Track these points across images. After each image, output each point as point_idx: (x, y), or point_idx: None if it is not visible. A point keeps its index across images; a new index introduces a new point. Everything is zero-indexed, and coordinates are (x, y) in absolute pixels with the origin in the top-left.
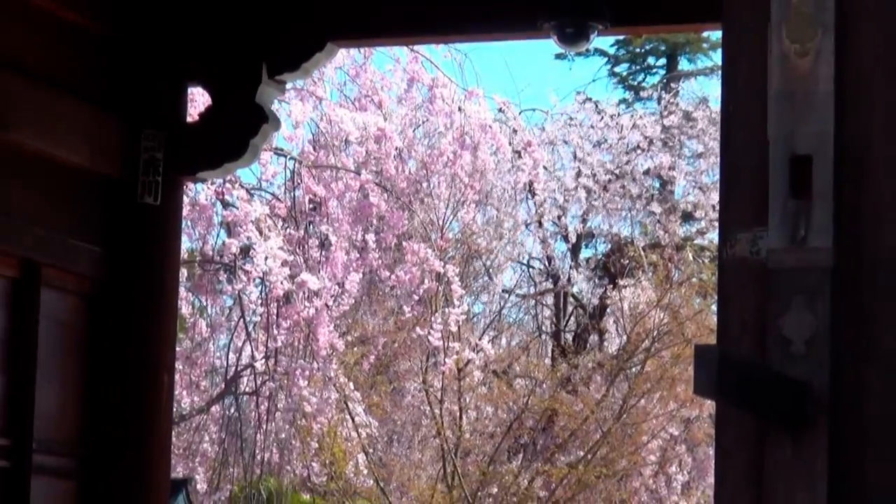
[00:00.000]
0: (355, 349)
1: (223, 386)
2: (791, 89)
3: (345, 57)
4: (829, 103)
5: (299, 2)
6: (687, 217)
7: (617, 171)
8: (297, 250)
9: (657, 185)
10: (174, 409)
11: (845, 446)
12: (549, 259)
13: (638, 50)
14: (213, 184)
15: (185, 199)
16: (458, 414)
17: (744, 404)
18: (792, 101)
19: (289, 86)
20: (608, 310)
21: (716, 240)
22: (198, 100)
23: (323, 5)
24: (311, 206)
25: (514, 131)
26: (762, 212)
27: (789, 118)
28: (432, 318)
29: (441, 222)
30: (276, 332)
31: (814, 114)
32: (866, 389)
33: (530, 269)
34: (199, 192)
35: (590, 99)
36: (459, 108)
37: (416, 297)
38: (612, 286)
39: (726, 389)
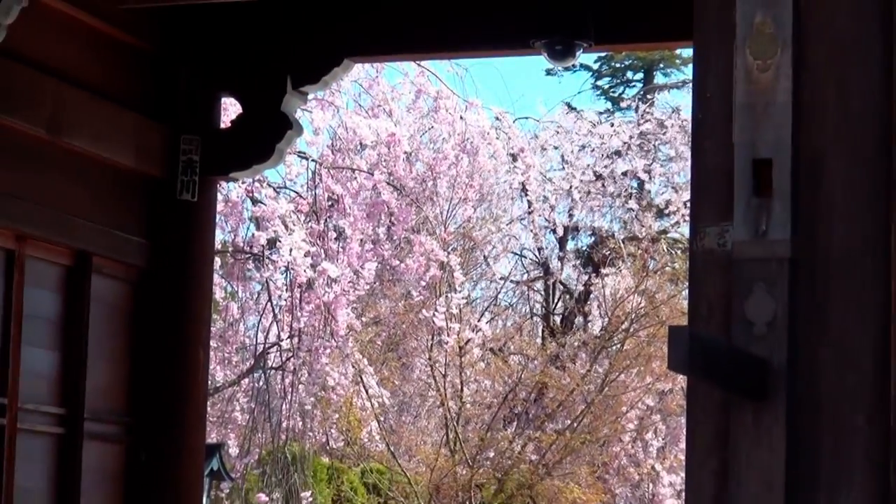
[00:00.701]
0: (369, 329)
1: (252, 361)
2: (753, 101)
3: (360, 71)
4: (787, 113)
5: (320, 23)
6: (661, 213)
7: (599, 173)
8: (318, 242)
9: (634, 184)
10: (209, 382)
11: (801, 415)
12: (540, 250)
13: (618, 65)
14: (243, 183)
15: (219, 197)
16: (459, 386)
17: (712, 378)
18: (754, 111)
19: (310, 96)
20: (592, 295)
21: (687, 233)
22: (230, 108)
23: (341, 26)
24: (329, 202)
25: (509, 137)
26: (728, 208)
27: (752, 126)
28: (437, 302)
29: (444, 217)
30: (299, 314)
31: (773, 122)
32: (820, 366)
33: (523, 259)
34: (230, 190)
35: (574, 109)
36: (461, 117)
37: (422, 284)
38: (595, 274)
39: (696, 365)
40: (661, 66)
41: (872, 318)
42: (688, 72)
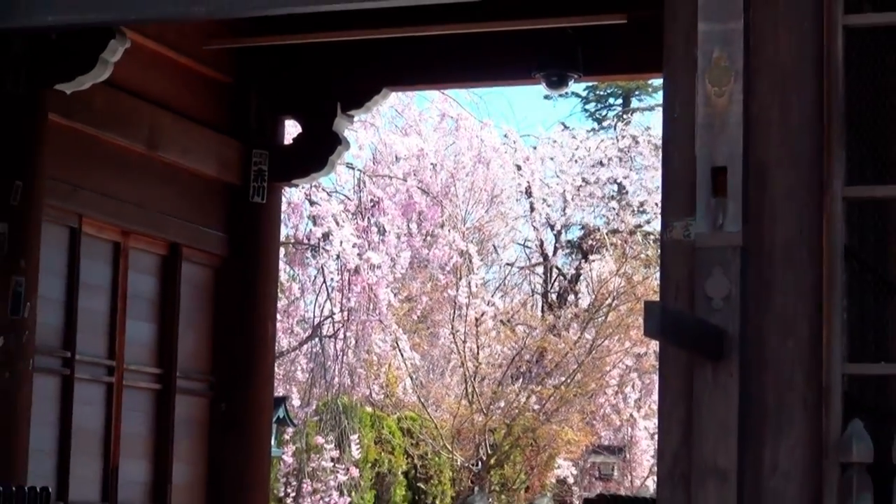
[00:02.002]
0: (404, 305)
1: (310, 331)
2: (711, 121)
3: (395, 98)
4: (738, 130)
5: (363, 59)
6: (637, 211)
7: (586, 179)
8: (363, 235)
9: (615, 188)
10: (276, 347)
11: (750, 373)
12: (540, 241)
13: (601, 92)
14: (302, 188)
15: (283, 199)
16: (476, 350)
17: (679, 343)
18: (712, 129)
19: (355, 118)
20: (581, 277)
21: (658, 226)
22: (292, 129)
23: (380, 62)
24: (371, 203)
25: (515, 151)
26: (691, 207)
27: (710, 141)
28: (458, 283)
29: (463, 215)
30: (348, 293)
31: (728, 138)
32: (766, 333)
33: (526, 249)
34: (292, 194)
35: (567, 128)
36: (476, 135)
37: (446, 268)
38: (584, 260)
39: (667, 333)
40: (637, 92)
41: (807, 294)
42: (658, 97)
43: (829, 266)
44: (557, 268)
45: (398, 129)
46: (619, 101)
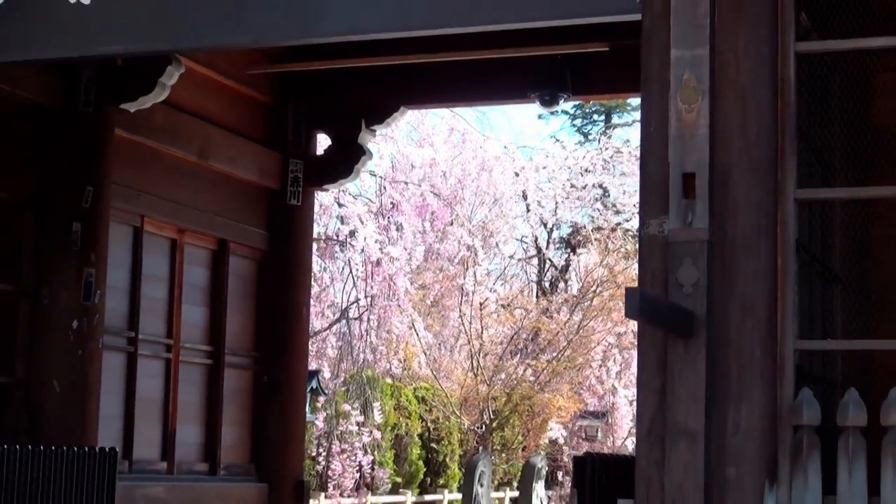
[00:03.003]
0: (419, 292)
1: (339, 314)
2: (682, 133)
3: (411, 115)
4: (705, 142)
5: (384, 82)
6: (618, 211)
7: (574, 184)
8: (383, 232)
9: (599, 192)
10: (309, 328)
11: (716, 349)
12: (535, 237)
13: (587, 110)
14: (332, 192)
15: (315, 201)
16: (480, 330)
17: (655, 323)
18: (683, 140)
19: (377, 132)
20: (570, 267)
21: (636, 224)
22: (323, 142)
23: (398, 85)
24: (391, 205)
25: (513, 160)
26: (665, 207)
27: (681, 150)
28: (465, 273)
29: (470, 215)
30: (371, 281)
31: (696, 148)
32: (729, 314)
33: (523, 243)
34: (323, 197)
35: (558, 140)
36: (480, 146)
37: (455, 261)
38: (572, 253)
39: (644, 314)
40: (617, 110)
41: (764, 281)
42: (636, 114)
43: (783, 257)
44: (550, 260)
45: (413, 142)
46: (602, 117)
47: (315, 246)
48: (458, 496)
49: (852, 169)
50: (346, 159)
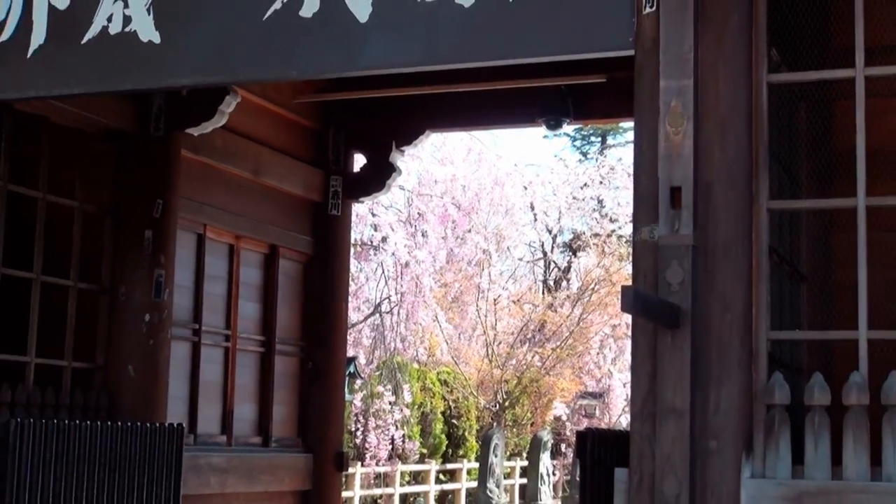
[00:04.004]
0: (441, 289)
1: (372, 309)
2: (670, 152)
3: (434, 137)
4: (690, 160)
5: (411, 110)
6: (612, 220)
7: (575, 196)
8: (411, 239)
9: (597, 203)
10: (348, 320)
11: (699, 338)
12: (541, 242)
13: (585, 132)
14: (366, 204)
15: (352, 212)
16: (494, 322)
17: (646, 316)
18: (670, 158)
19: (406, 152)
20: (572, 268)
21: (630, 231)
22: (359, 161)
23: (424, 111)
24: (417, 215)
25: (522, 175)
26: (655, 216)
27: (669, 167)
28: (481, 273)
29: (485, 223)
30: (400, 280)
31: (682, 165)
32: (710, 308)
33: (531, 247)
34: (359, 208)
35: (561, 159)
36: (494, 164)
37: (473, 262)
38: (573, 256)
39: (637, 308)
40: (612, 132)
41: (741, 280)
42: (629, 136)
43: (757, 259)
44: (554, 261)
45: (437, 161)
46: (599, 139)
47: (352, 250)
48: (476, 465)
49: (816, 183)
50: (378, 176)
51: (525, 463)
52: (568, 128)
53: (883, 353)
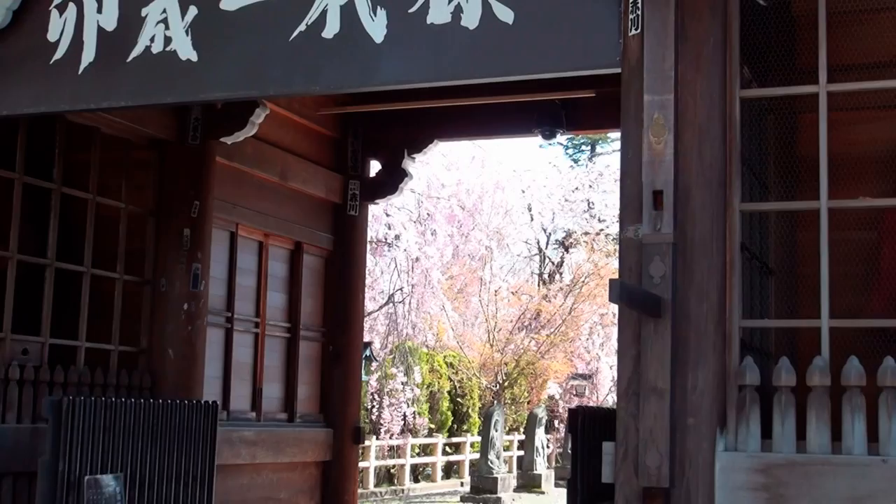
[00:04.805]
0: (448, 281)
1: (387, 299)
2: (653, 159)
3: (442, 146)
4: (671, 166)
5: (421, 121)
6: (601, 220)
7: (567, 198)
8: (421, 237)
9: (587, 205)
10: (364, 309)
11: (679, 325)
12: (537, 239)
13: (577, 142)
14: (381, 205)
15: (368, 212)
16: (495, 311)
17: (632, 306)
18: (653, 165)
19: (416, 159)
20: (564, 263)
21: (617, 230)
22: (375, 166)
23: (432, 123)
24: (427, 215)
25: (521, 180)
26: (640, 216)
27: (652, 173)
28: (484, 267)
29: (487, 222)
30: (412, 273)
31: (663, 170)
32: (689, 299)
33: (528, 244)
34: (375, 209)
35: (554, 165)
36: (496, 169)
37: (476, 257)
38: (566, 252)
39: (623, 299)
40: (600, 142)
41: (716, 273)
42: (616, 145)
43: (731, 255)
44: (548, 257)
45: (444, 166)
46: (589, 147)
47: (368, 246)
48: (478, 439)
49: (783, 187)
50: (392, 180)
51: (522, 437)
52: (561, 137)
53: (842, 340)
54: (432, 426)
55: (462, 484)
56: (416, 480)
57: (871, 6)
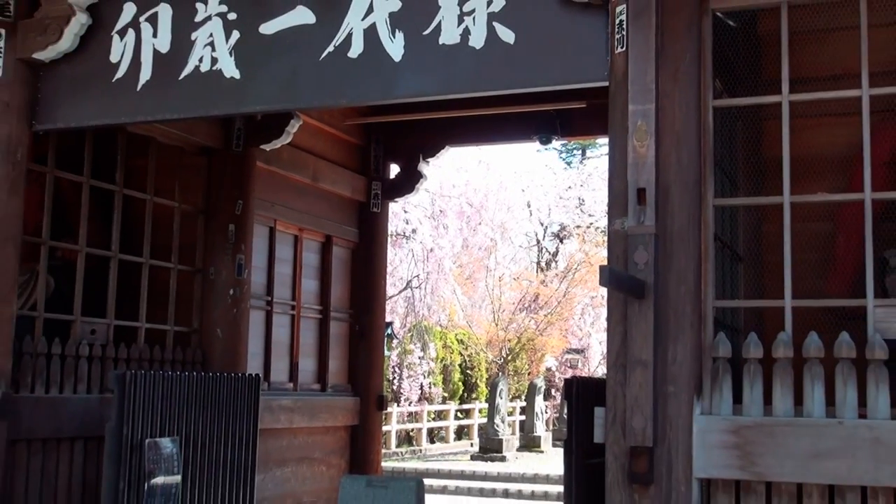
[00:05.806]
0: (458, 269)
1: (405, 284)
2: (637, 161)
3: (453, 151)
4: (652, 167)
5: (435, 129)
6: (591, 214)
7: (562, 196)
8: (435, 230)
9: (578, 201)
10: (386, 293)
11: (660, 304)
12: (535, 232)
13: (569, 146)
14: (400, 203)
15: (389, 209)
16: (500, 295)
17: (619, 288)
18: (637, 166)
19: (430, 162)
20: (559, 252)
21: (606, 223)
22: (394, 169)
23: (444, 130)
24: (439, 211)
25: (521, 179)
26: (625, 210)
27: (636, 173)
28: (489, 257)
29: (493, 217)
30: (426, 262)
31: (646, 171)
32: (669, 283)
33: (527, 236)
34: (394, 206)
35: (550, 167)
36: (499, 171)
37: (483, 248)
38: (561, 243)
39: (612, 282)
40: (590, 146)
41: (693, 261)
42: (604, 149)
43: (705, 244)
44: (545, 247)
45: (454, 169)
46: (580, 151)
47: (389, 239)
48: (486, 406)
49: (750, 185)
50: (409, 181)
51: (524, 404)
52: (556, 143)
53: (803, 318)
54: (445, 395)
55: (472, 445)
56: (431, 442)
57: (828, 26)
